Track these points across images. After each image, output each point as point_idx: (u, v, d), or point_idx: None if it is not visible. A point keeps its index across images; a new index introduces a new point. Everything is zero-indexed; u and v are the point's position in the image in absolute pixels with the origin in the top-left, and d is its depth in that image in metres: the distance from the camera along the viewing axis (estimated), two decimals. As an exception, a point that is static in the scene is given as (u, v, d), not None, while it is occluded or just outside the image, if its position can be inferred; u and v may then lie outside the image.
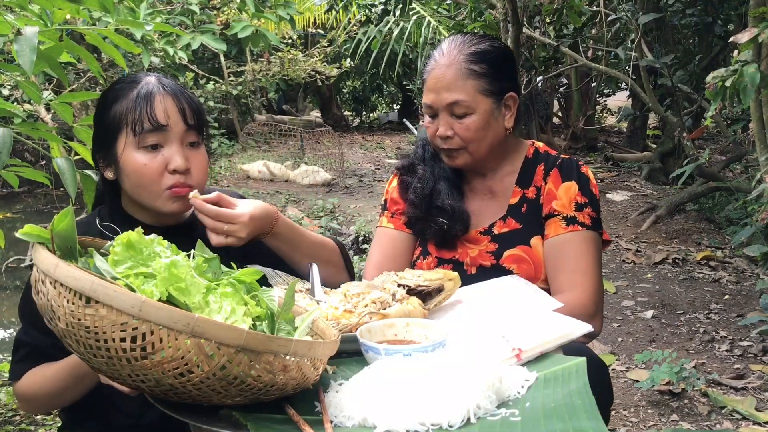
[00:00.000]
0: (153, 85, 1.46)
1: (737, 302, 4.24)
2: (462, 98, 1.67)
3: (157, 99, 1.43)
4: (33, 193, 9.35)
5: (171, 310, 0.91)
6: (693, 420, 2.87)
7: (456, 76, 1.67)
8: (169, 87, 1.47)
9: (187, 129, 1.45)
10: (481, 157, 1.74)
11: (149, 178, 1.43)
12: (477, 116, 1.68)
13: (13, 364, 1.48)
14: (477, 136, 1.69)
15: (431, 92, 1.71)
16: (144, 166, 1.42)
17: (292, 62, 10.78)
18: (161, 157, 1.43)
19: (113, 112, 1.45)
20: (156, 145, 1.43)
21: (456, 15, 7.32)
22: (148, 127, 1.42)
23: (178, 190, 1.43)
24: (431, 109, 1.72)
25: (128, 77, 1.51)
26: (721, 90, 2.55)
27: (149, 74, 1.51)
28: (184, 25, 3.77)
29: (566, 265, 1.66)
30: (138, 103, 1.43)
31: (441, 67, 1.70)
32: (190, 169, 1.45)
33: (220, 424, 0.99)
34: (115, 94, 1.47)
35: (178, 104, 1.45)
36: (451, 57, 1.69)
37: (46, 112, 6.98)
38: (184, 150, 1.45)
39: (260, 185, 8.07)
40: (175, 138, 1.44)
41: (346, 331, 1.27)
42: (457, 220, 1.74)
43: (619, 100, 12.03)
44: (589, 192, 1.73)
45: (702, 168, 5.28)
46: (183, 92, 1.49)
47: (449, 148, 1.72)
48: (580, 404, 1.01)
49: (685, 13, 5.92)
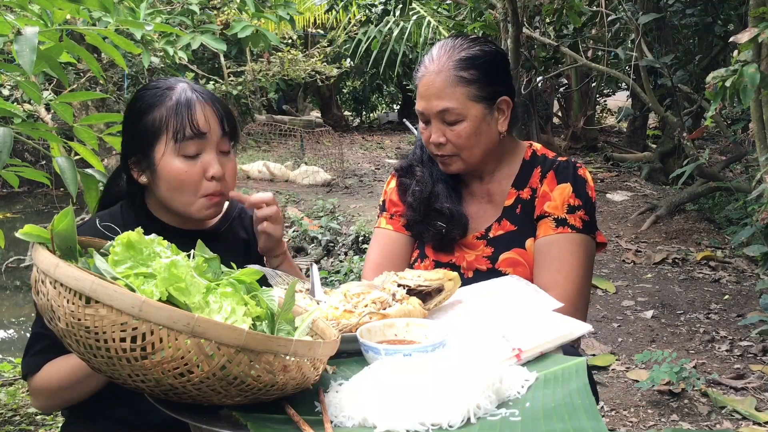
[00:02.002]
0: (189, 92, 1.48)
1: (737, 302, 4.24)
2: (452, 106, 1.65)
3: (198, 107, 1.46)
4: (33, 193, 9.36)
5: (171, 310, 0.91)
6: (693, 420, 2.87)
7: (445, 83, 1.66)
8: (205, 94, 1.50)
9: (222, 136, 1.49)
10: (475, 162, 1.73)
11: (189, 185, 1.46)
12: (468, 123, 1.67)
13: (29, 358, 1.46)
14: (469, 142, 1.68)
15: (422, 99, 1.70)
16: (185, 173, 1.45)
17: (292, 62, 10.78)
18: (200, 165, 1.46)
19: (150, 119, 1.47)
20: (196, 152, 1.46)
21: (456, 15, 7.33)
22: (189, 135, 1.44)
23: (214, 198, 1.49)
24: (423, 116, 1.72)
25: (157, 83, 1.53)
26: (721, 90, 2.55)
27: (179, 80, 1.53)
28: (184, 25, 3.77)
29: (550, 265, 1.65)
30: (179, 110, 1.45)
31: (431, 74, 1.68)
32: (225, 176, 1.49)
33: (220, 424, 0.99)
34: (149, 100, 1.49)
35: (216, 111, 1.48)
36: (441, 64, 1.67)
37: (46, 112, 6.99)
38: (218, 157, 1.49)
39: (260, 185, 8.06)
40: (212, 145, 1.47)
41: (346, 331, 1.27)
42: (456, 223, 1.74)
43: (619, 100, 12.03)
44: (585, 194, 1.71)
45: (702, 168, 5.28)
46: (217, 99, 1.52)
47: (443, 155, 1.72)
48: (580, 404, 1.01)
49: (685, 13, 5.93)
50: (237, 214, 1.69)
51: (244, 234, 1.67)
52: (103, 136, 1.89)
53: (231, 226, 1.66)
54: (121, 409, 1.47)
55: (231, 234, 1.65)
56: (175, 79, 1.54)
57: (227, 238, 1.63)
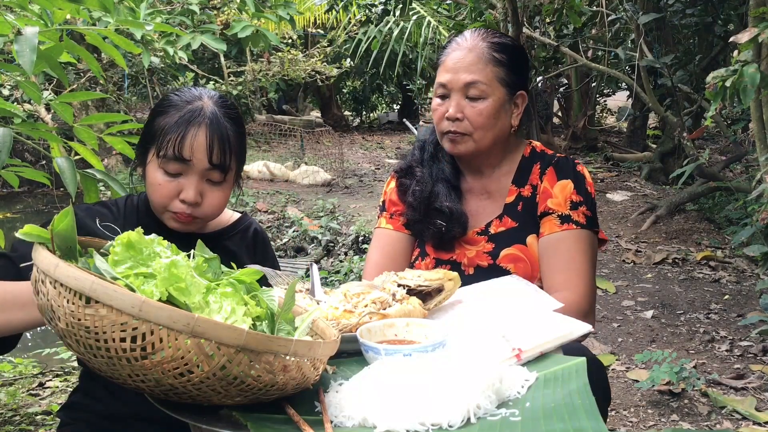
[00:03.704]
0: (198, 114, 1.46)
1: (737, 302, 4.24)
2: (480, 79, 1.68)
3: (190, 132, 1.44)
4: (33, 193, 9.36)
5: (171, 310, 0.91)
6: (693, 420, 2.87)
7: (478, 59, 1.70)
8: (212, 119, 1.46)
9: (210, 168, 1.47)
10: (484, 148, 1.74)
11: (160, 198, 1.47)
12: (490, 102, 1.70)
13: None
14: (487, 122, 1.70)
15: (448, 72, 1.71)
16: (159, 186, 1.47)
17: (292, 62, 10.78)
18: (176, 184, 1.46)
19: (155, 124, 1.49)
20: (176, 172, 1.46)
21: (456, 15, 7.32)
22: (170, 155, 1.44)
23: (180, 217, 1.48)
24: (444, 89, 1.72)
25: (182, 93, 1.52)
26: (721, 90, 2.55)
27: (204, 94, 1.51)
28: (184, 25, 3.77)
29: (559, 263, 1.66)
30: (174, 129, 1.45)
31: (463, 49, 1.72)
32: (200, 203, 1.48)
33: (220, 424, 0.99)
34: (165, 105, 1.50)
35: (208, 141, 1.45)
36: (474, 42, 1.72)
37: (46, 112, 6.99)
38: (201, 184, 1.47)
39: (260, 185, 8.06)
40: (196, 172, 1.47)
41: (346, 331, 1.27)
42: (455, 221, 1.75)
43: (619, 100, 12.04)
44: (585, 191, 1.73)
45: (702, 168, 5.28)
46: (224, 131, 1.47)
47: (455, 132, 1.72)
48: (580, 404, 1.01)
49: (685, 13, 5.92)
50: (245, 227, 1.69)
51: (234, 247, 1.65)
52: (103, 136, 1.89)
53: (231, 237, 1.66)
54: (116, 406, 1.47)
55: (228, 243, 1.65)
56: (203, 92, 1.52)
57: (223, 246, 1.62)
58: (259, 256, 1.68)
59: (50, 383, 3.41)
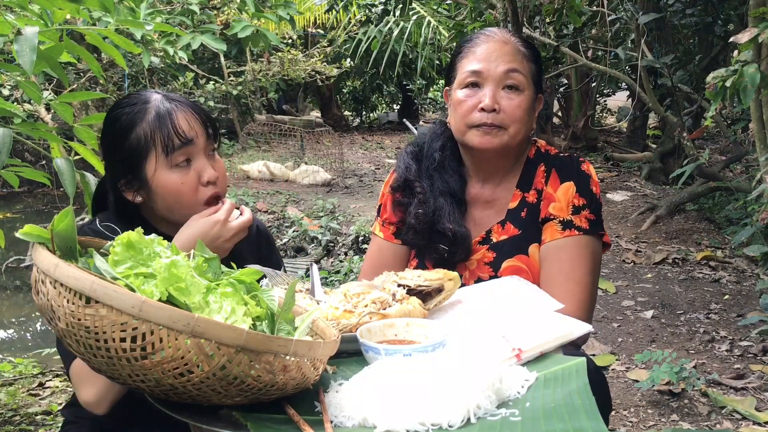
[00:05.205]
0: (166, 102, 1.47)
1: (737, 302, 4.24)
2: (520, 68, 1.63)
3: (179, 115, 1.46)
4: (33, 193, 9.36)
5: (171, 310, 0.91)
6: (693, 420, 2.87)
7: (514, 51, 1.65)
8: (182, 101, 1.49)
9: (207, 138, 1.49)
10: (515, 145, 1.66)
11: (188, 196, 1.47)
12: (526, 96, 1.64)
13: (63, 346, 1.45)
14: (523, 117, 1.63)
15: (482, 61, 1.63)
16: (181, 184, 1.46)
17: (292, 62, 10.78)
18: (193, 172, 1.47)
19: (134, 137, 1.45)
20: (186, 160, 1.46)
21: (456, 15, 7.32)
22: (178, 144, 1.44)
23: (213, 203, 1.49)
24: (478, 76, 1.63)
25: (129, 99, 1.51)
26: (721, 90, 2.54)
27: (151, 92, 1.52)
28: (184, 25, 3.77)
29: (561, 272, 1.60)
30: (162, 122, 1.44)
31: (497, 41, 1.65)
32: (218, 178, 1.50)
33: (220, 424, 0.99)
34: (128, 119, 1.47)
35: (197, 116, 1.48)
36: (506, 36, 1.67)
37: (46, 112, 6.99)
38: (209, 160, 1.49)
39: (260, 185, 8.06)
40: (200, 150, 1.48)
41: (346, 331, 1.27)
42: (459, 246, 1.67)
43: (619, 100, 12.04)
44: (589, 192, 1.65)
45: (702, 168, 5.28)
46: (194, 103, 1.51)
47: (491, 124, 1.61)
48: (580, 404, 1.01)
49: (685, 13, 5.92)
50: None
51: (238, 245, 1.61)
52: (103, 136, 1.89)
53: None
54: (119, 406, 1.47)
55: None
56: (147, 91, 1.52)
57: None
58: (264, 254, 1.67)
59: (50, 383, 3.42)
